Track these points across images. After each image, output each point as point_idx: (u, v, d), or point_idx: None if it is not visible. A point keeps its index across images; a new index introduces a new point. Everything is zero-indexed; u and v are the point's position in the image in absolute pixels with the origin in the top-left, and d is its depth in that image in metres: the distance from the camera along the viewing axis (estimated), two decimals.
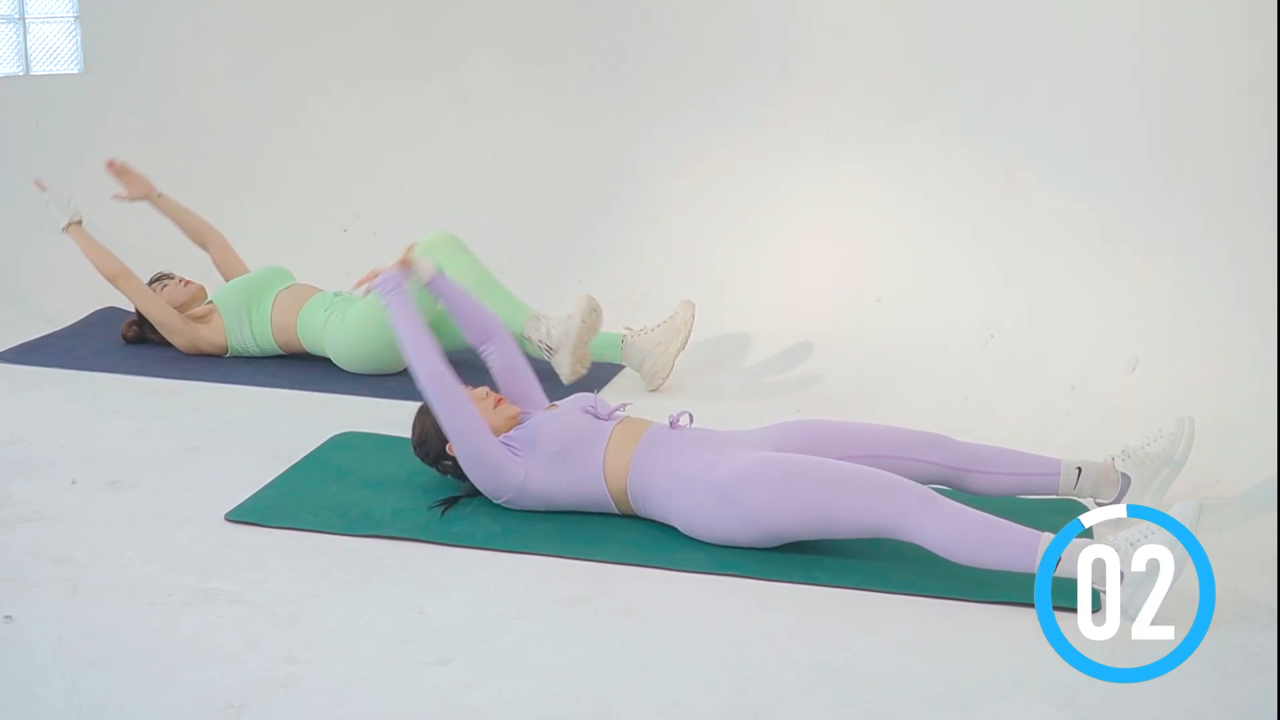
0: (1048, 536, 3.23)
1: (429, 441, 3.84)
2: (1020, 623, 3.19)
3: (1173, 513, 3.16)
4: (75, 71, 6.41)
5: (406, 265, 3.94)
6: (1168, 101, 4.53)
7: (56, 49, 6.41)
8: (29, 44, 6.37)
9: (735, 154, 5.70)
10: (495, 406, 3.81)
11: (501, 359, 3.99)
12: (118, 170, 5.36)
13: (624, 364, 5.01)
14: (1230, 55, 4.36)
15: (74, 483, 3.96)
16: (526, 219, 5.99)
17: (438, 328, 4.97)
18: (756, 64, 5.64)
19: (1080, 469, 3.70)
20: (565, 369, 4.79)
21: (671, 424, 3.74)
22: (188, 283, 5.31)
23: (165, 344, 5.27)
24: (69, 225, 5.24)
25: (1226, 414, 4.11)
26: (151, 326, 5.28)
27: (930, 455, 3.69)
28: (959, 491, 3.72)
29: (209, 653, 3.03)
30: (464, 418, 3.66)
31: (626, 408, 3.84)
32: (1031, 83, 4.92)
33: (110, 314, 5.70)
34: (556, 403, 3.88)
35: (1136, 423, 4.20)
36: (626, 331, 4.98)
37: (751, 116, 5.65)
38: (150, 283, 5.32)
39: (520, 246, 5.92)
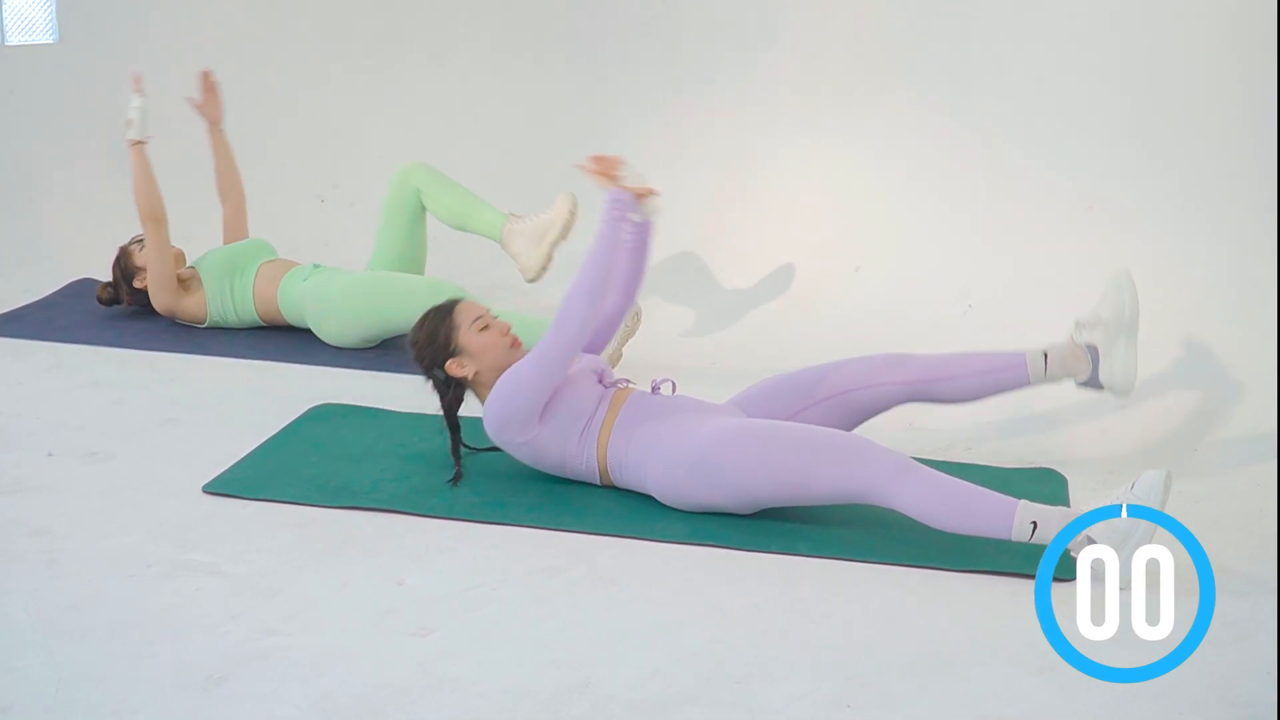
0: (1024, 504, 3.24)
1: (433, 348, 3.72)
2: (998, 591, 3.20)
3: (1142, 482, 3.15)
4: (50, 41, 6.37)
5: (643, 195, 3.75)
6: (1147, 69, 4.54)
7: (31, 19, 6.36)
8: (3, 14, 6.32)
9: (715, 122, 5.68)
10: (510, 347, 3.72)
11: (604, 320, 3.92)
12: (209, 84, 5.36)
13: (502, 247, 5.05)
14: (1210, 22, 4.37)
15: (50, 454, 3.94)
16: (505, 186, 5.97)
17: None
18: (737, 32, 5.62)
19: (1046, 354, 3.69)
20: (533, 264, 4.91)
21: (654, 388, 3.74)
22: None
23: (139, 307, 5.25)
24: (136, 142, 5.11)
25: (1204, 380, 4.13)
26: (129, 288, 5.24)
27: (894, 376, 3.71)
28: (936, 403, 3.74)
29: (189, 624, 3.03)
30: (552, 375, 3.57)
31: (629, 384, 3.79)
32: (1011, 51, 4.92)
33: (86, 285, 5.66)
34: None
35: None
36: (509, 216, 5.03)
37: (731, 85, 5.64)
38: (130, 243, 5.29)
39: None
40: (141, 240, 5.28)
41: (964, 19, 5.04)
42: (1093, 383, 3.71)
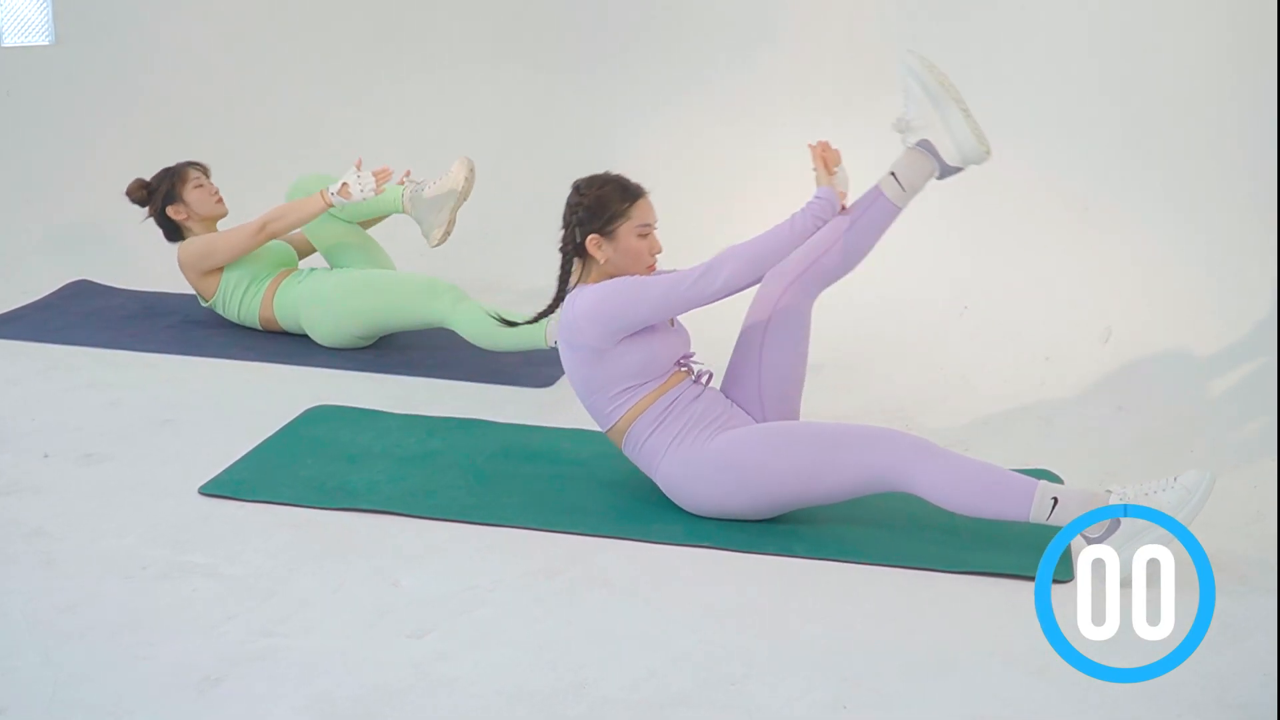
0: (1044, 483, 3.25)
1: (593, 214, 3.56)
2: (994, 592, 3.20)
3: (1181, 483, 3.18)
4: (47, 43, 6.37)
5: (843, 204, 3.70)
6: (1143, 70, 4.54)
7: (28, 20, 6.37)
8: (0, 15, 6.32)
9: (710, 123, 5.69)
10: (646, 269, 3.63)
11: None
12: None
13: (407, 214, 5.07)
14: (1207, 24, 4.37)
15: (47, 456, 3.94)
16: (501, 189, 5.97)
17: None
18: (732, 32, 5.63)
19: (893, 172, 3.67)
20: (436, 233, 4.95)
21: (697, 377, 3.67)
22: (220, 200, 5.23)
23: (157, 222, 5.23)
24: (329, 200, 4.94)
25: (1201, 381, 4.13)
26: (161, 210, 5.17)
27: (783, 284, 3.68)
28: (839, 279, 3.74)
29: (184, 625, 3.03)
30: (668, 311, 3.50)
31: (689, 368, 3.71)
32: (1004, 51, 4.92)
33: (83, 286, 5.67)
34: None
35: (1110, 392, 4.22)
36: (409, 182, 5.05)
37: (726, 85, 5.64)
38: (191, 167, 5.22)
39: (495, 217, 5.91)
40: (200, 170, 5.23)
41: (959, 21, 5.05)
42: (948, 171, 3.66)
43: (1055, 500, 3.23)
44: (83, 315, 5.35)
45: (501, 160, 6.03)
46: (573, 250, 3.63)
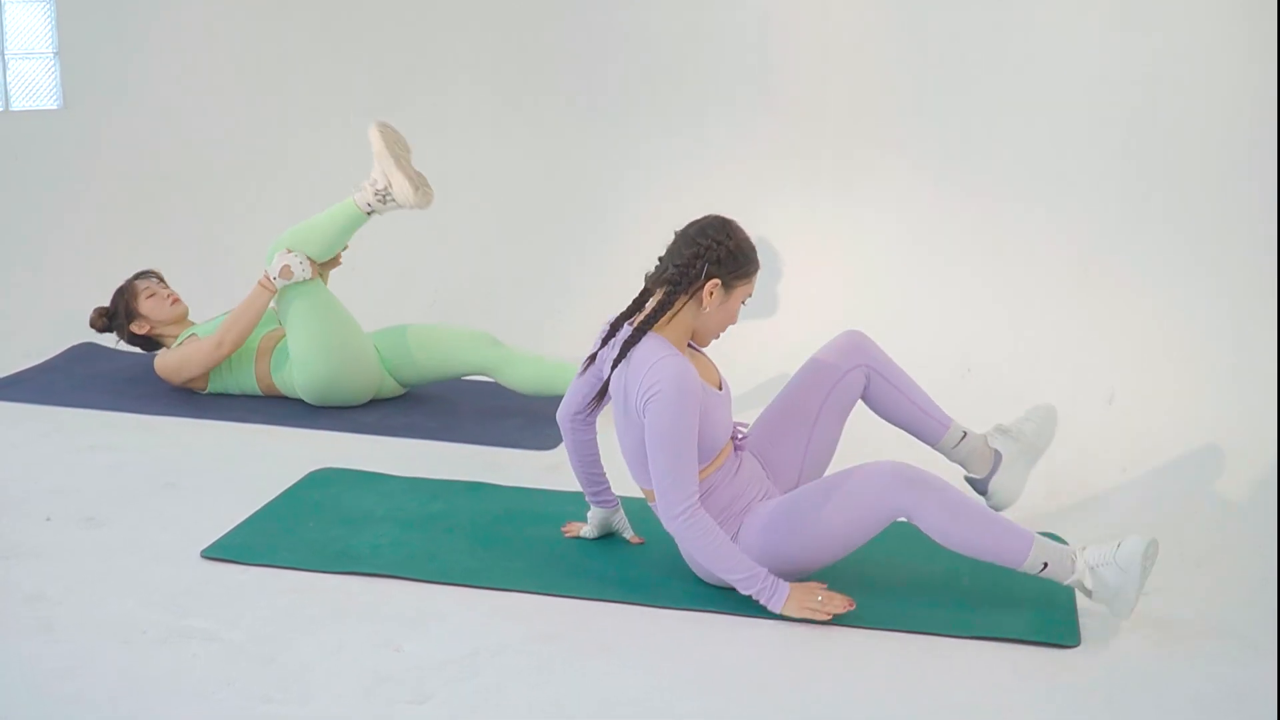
0: (1039, 542, 3.27)
1: (734, 259, 3.43)
2: (998, 657, 3.19)
3: (1124, 547, 3.23)
4: (54, 107, 6.42)
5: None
6: (1141, 129, 4.56)
7: (36, 85, 6.41)
8: (8, 80, 6.37)
9: (712, 186, 5.70)
10: (714, 335, 3.54)
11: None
12: None
13: (377, 212, 5.00)
14: (1204, 81, 4.39)
15: (49, 519, 3.93)
16: (502, 250, 6.00)
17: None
18: (732, 97, 5.65)
19: (965, 434, 3.68)
20: (408, 191, 4.80)
21: (738, 445, 3.60)
22: (176, 300, 5.29)
23: (129, 344, 5.29)
24: (271, 286, 4.98)
25: (1204, 444, 4.12)
26: (123, 324, 5.26)
27: (856, 359, 3.69)
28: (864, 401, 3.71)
29: (184, 691, 3.01)
30: (656, 482, 3.36)
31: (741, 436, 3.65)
32: (1006, 112, 4.94)
33: (86, 350, 5.68)
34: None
35: (1114, 454, 4.21)
36: (354, 193, 4.98)
37: (728, 149, 5.66)
38: (136, 278, 5.30)
39: (496, 276, 5.93)
40: (147, 277, 5.30)
41: (961, 82, 5.07)
42: (980, 485, 3.71)
43: (1045, 565, 3.29)
44: (86, 378, 5.36)
45: (499, 223, 6.05)
46: (686, 283, 3.46)
